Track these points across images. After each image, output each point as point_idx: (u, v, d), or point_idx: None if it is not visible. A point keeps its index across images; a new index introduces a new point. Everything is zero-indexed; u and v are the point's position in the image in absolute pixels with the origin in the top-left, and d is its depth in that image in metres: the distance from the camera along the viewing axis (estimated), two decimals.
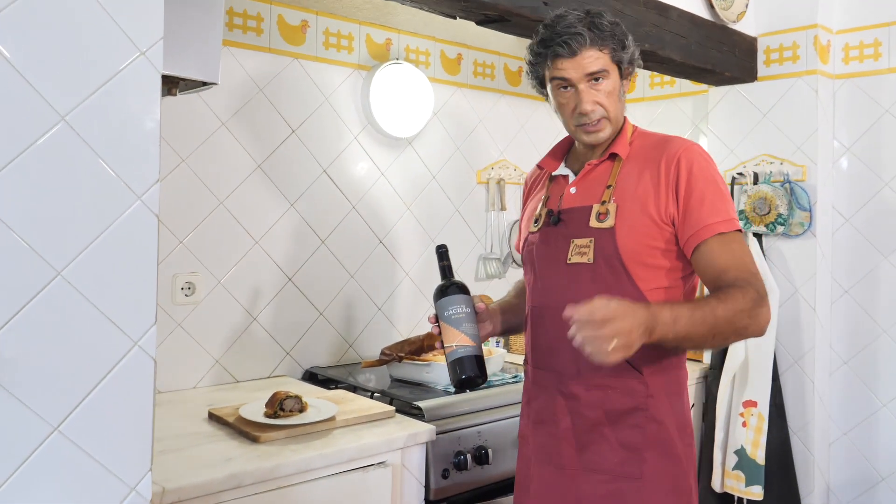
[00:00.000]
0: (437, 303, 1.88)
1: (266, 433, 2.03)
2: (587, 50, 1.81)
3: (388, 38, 3.22)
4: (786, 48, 3.29)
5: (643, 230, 1.79)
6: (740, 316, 1.65)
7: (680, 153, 1.82)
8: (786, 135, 3.26)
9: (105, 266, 1.42)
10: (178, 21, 1.92)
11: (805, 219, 3.15)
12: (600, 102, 1.84)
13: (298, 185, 2.94)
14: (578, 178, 1.93)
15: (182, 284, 2.63)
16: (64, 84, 1.38)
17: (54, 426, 1.34)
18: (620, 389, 1.82)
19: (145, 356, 1.45)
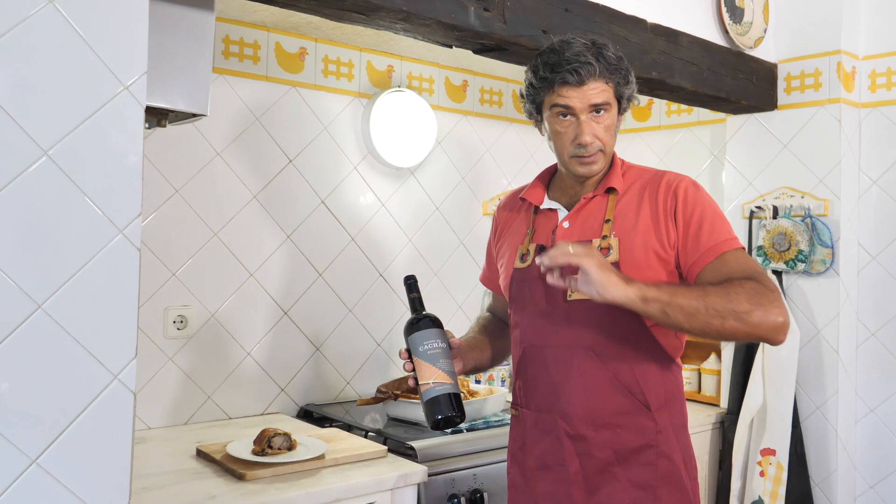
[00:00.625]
0: (410, 337, 1.89)
1: (252, 471, 2.13)
2: (594, 81, 1.87)
3: (389, 64, 3.35)
4: (807, 75, 3.38)
5: (648, 263, 1.86)
6: (736, 295, 1.70)
7: (676, 183, 1.91)
8: (807, 167, 3.33)
9: (86, 299, 1.52)
10: (165, 50, 2.02)
11: (827, 256, 3.22)
12: (598, 136, 1.90)
13: (296, 217, 3.06)
14: (573, 212, 1.98)
15: (174, 318, 2.74)
16: (47, 119, 1.50)
17: (32, 458, 1.45)
18: (630, 427, 1.88)
19: (125, 390, 1.56)
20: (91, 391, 1.52)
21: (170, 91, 2.06)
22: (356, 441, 2.47)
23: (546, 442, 1.96)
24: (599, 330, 1.89)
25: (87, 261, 1.53)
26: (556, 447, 1.94)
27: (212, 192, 2.85)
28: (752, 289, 1.72)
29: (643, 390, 1.90)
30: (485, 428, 2.66)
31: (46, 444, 1.47)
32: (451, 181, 3.58)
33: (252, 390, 2.93)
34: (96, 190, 1.55)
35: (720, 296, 1.70)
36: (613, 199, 1.95)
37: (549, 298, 1.95)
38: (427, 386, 1.82)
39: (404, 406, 2.74)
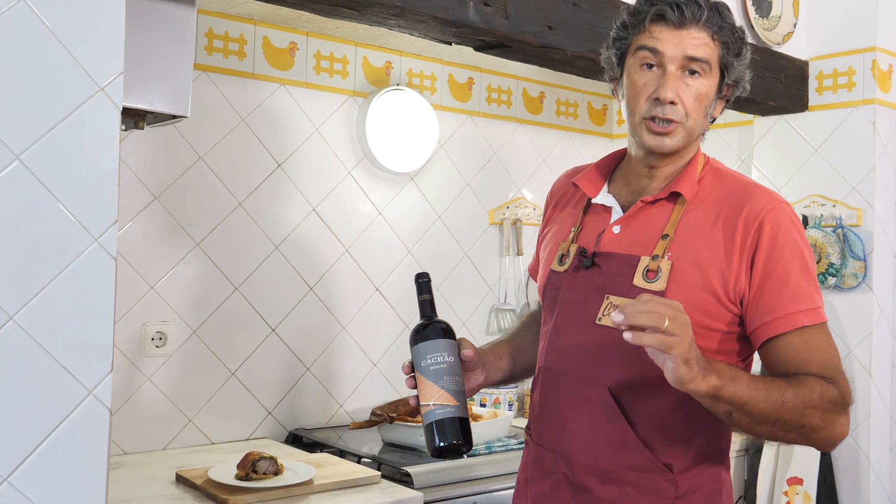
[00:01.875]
0: (414, 348, 1.77)
1: (236, 496, 2.21)
2: (698, 28, 1.72)
3: (387, 60, 3.44)
4: (840, 74, 3.46)
5: (699, 304, 1.68)
6: (812, 412, 1.59)
7: (765, 214, 1.70)
8: (839, 173, 3.41)
9: (59, 311, 1.61)
10: (143, 48, 2.09)
11: (859, 269, 3.29)
12: (684, 101, 1.73)
13: (285, 226, 3.15)
14: (627, 215, 1.81)
15: (153, 334, 2.83)
16: (19, 121, 1.58)
17: (4, 477, 1.53)
18: (644, 488, 1.72)
19: (100, 406, 1.65)
20: (65, 407, 1.61)
21: (148, 91, 2.14)
22: (347, 466, 2.55)
23: (545, 484, 1.84)
24: (623, 368, 1.73)
25: (61, 270, 1.62)
26: (555, 493, 1.81)
27: (194, 199, 2.94)
28: (830, 401, 1.60)
29: (666, 448, 1.73)
30: (487, 454, 2.74)
31: (18, 462, 1.55)
32: (455, 187, 3.67)
33: (237, 413, 3.02)
34: (70, 196, 1.64)
35: (795, 407, 1.57)
36: (680, 210, 1.76)
37: (574, 316, 1.81)
38: (427, 408, 1.71)
39: (401, 430, 2.82)
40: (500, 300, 3.80)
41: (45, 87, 1.62)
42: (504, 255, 3.81)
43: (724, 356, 1.70)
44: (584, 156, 4.09)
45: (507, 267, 3.82)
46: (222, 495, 2.22)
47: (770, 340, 1.67)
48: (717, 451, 1.79)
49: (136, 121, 2.29)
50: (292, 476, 2.35)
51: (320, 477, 2.40)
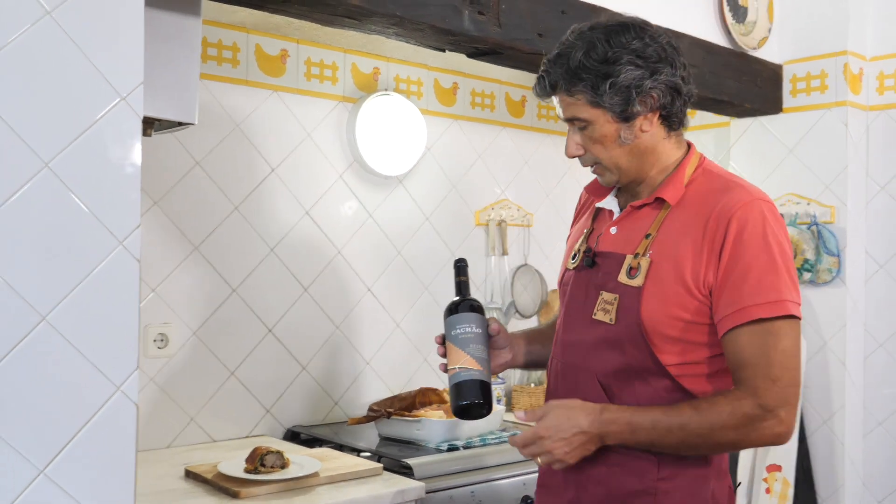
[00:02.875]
0: (446, 320, 1.99)
1: (246, 489, 2.30)
2: (558, 93, 1.88)
3: (375, 66, 3.53)
4: (813, 77, 3.59)
5: (673, 298, 1.80)
6: (722, 432, 1.73)
7: (736, 210, 1.78)
8: (813, 172, 3.54)
9: (87, 311, 1.70)
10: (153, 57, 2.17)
11: (833, 265, 3.42)
12: (586, 147, 1.90)
13: (279, 228, 3.24)
14: (619, 218, 1.96)
15: (154, 336, 2.91)
16: (47, 130, 1.67)
17: (40, 469, 1.62)
18: (628, 468, 1.85)
19: (127, 401, 1.73)
20: (95, 402, 1.69)
21: (157, 100, 2.22)
22: (350, 459, 2.65)
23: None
24: (610, 358, 1.88)
25: (89, 272, 1.71)
26: (555, 471, 1.95)
27: (191, 204, 3.02)
28: (742, 417, 1.72)
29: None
30: (482, 446, 2.85)
31: (53, 455, 1.64)
32: (442, 190, 3.76)
33: (236, 412, 3.10)
34: (96, 201, 1.72)
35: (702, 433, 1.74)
36: (665, 212, 1.88)
37: (577, 311, 1.97)
38: (453, 371, 1.91)
39: (398, 424, 2.91)
40: (486, 299, 3.89)
41: (70, 98, 1.70)
42: (490, 255, 3.90)
43: (702, 348, 1.84)
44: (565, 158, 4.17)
45: (492, 266, 3.92)
46: (234, 488, 2.31)
47: (726, 334, 1.78)
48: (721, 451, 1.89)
49: (144, 128, 2.36)
50: (299, 469, 2.44)
51: (325, 470, 2.48)
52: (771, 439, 1.76)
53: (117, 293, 1.74)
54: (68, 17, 1.70)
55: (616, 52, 1.83)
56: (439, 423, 2.83)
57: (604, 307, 1.88)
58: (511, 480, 2.72)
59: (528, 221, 4.05)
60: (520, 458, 2.69)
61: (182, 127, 2.41)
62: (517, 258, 4.01)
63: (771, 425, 1.73)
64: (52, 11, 1.67)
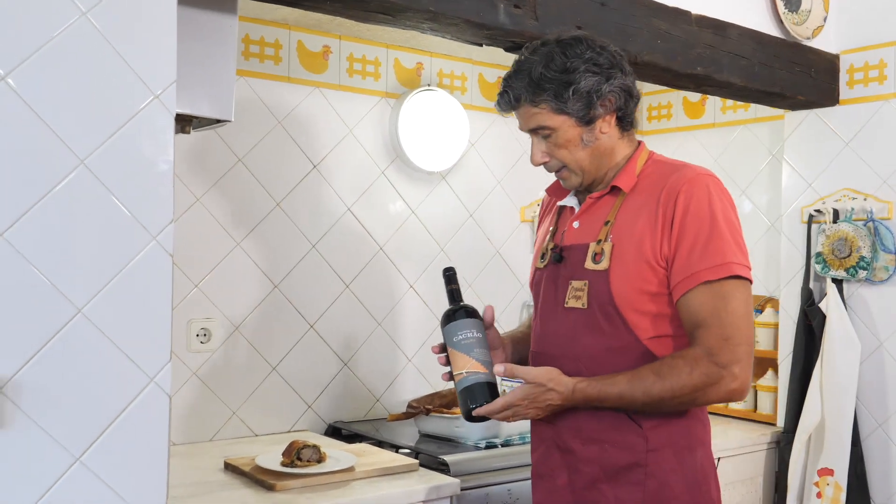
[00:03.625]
0: (444, 329, 2.10)
1: (282, 481, 2.41)
2: (522, 106, 2.07)
3: (418, 62, 3.62)
4: (871, 67, 3.58)
5: (637, 273, 2.01)
6: (682, 393, 1.93)
7: (681, 186, 2.01)
8: (870, 166, 3.53)
9: (122, 304, 1.81)
10: (188, 56, 2.25)
11: (890, 262, 3.42)
12: (552, 153, 2.09)
13: (321, 225, 3.34)
14: (580, 211, 2.16)
15: (197, 331, 3.03)
16: (82, 128, 1.78)
17: (76, 456, 1.73)
18: (618, 444, 2.04)
19: (161, 392, 1.84)
20: (129, 393, 1.80)
21: (194, 97, 2.32)
22: (386, 455, 2.74)
23: (541, 450, 2.19)
24: (589, 341, 2.06)
25: (123, 266, 1.81)
26: (548, 457, 2.16)
27: (234, 200, 3.13)
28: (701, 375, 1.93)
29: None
30: (521, 443, 2.92)
31: (89, 443, 1.75)
32: (486, 186, 3.84)
33: (278, 406, 3.21)
34: (130, 197, 1.83)
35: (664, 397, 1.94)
36: (621, 199, 2.09)
37: (550, 304, 2.16)
38: (461, 376, 2.02)
39: (437, 421, 3.00)
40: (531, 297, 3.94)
41: (104, 96, 1.81)
42: None
43: (670, 318, 2.04)
44: None
45: None
46: (270, 480, 2.41)
47: (680, 299, 2.00)
48: (686, 410, 2.08)
49: (182, 126, 2.47)
50: (334, 463, 2.54)
51: (361, 465, 2.58)
52: (727, 395, 1.96)
53: (151, 287, 1.85)
54: (103, 17, 1.80)
55: (573, 62, 2.04)
56: None
57: (575, 294, 2.07)
58: None
59: None
60: None
61: (220, 124, 2.51)
62: None
63: (727, 382, 1.94)
64: (87, 12, 1.78)
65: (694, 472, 2.06)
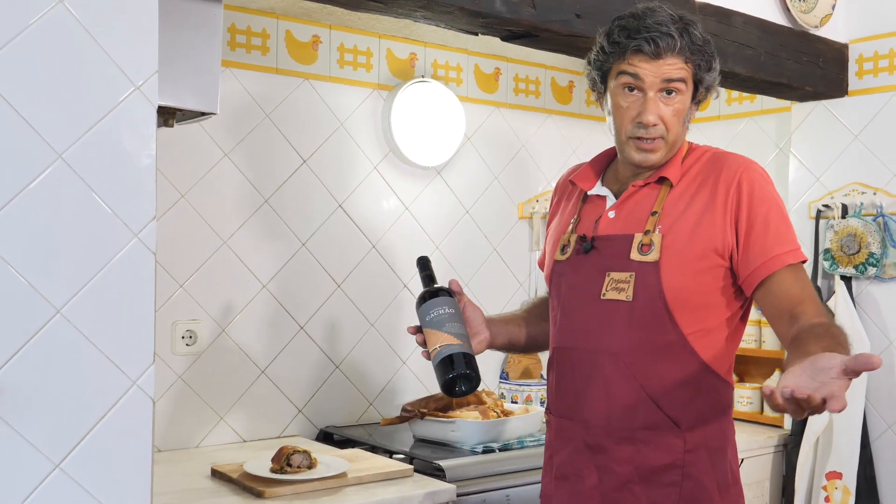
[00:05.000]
0: (418, 311, 2.13)
1: (271, 488, 2.39)
2: (673, 56, 2.00)
3: (412, 52, 3.60)
4: (881, 56, 3.57)
5: (693, 265, 2.00)
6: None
7: (740, 173, 2.02)
8: (880, 160, 3.52)
9: (103, 304, 1.79)
10: (172, 46, 2.24)
11: None
12: (664, 118, 2.03)
13: (311, 222, 3.32)
14: (620, 200, 2.12)
15: (182, 332, 3.01)
16: (60, 122, 1.76)
17: (56, 463, 1.71)
18: (655, 444, 2.02)
19: (143, 396, 1.82)
20: (111, 397, 1.79)
21: (178, 89, 2.31)
22: (380, 460, 2.73)
23: (566, 451, 2.14)
24: (630, 336, 2.02)
25: (104, 265, 1.80)
26: (575, 458, 2.11)
27: (220, 197, 3.11)
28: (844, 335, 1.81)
29: (674, 405, 2.02)
30: (519, 448, 2.91)
31: (69, 449, 1.73)
32: (483, 181, 3.83)
33: (267, 411, 3.19)
34: (110, 193, 1.81)
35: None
36: (666, 190, 2.08)
37: (580, 296, 2.11)
38: (435, 351, 2.04)
39: (432, 425, 2.99)
40: (530, 295, 3.94)
41: (83, 88, 1.80)
42: (534, 249, 3.95)
43: (719, 311, 2.05)
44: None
45: (536, 262, 3.95)
46: (258, 487, 2.40)
47: (764, 282, 1.99)
48: (720, 408, 2.10)
49: (165, 118, 2.45)
50: (326, 469, 2.53)
51: (353, 470, 2.57)
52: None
53: (133, 286, 1.83)
54: (81, 5, 1.78)
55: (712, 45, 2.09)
56: (475, 424, 2.90)
57: (616, 286, 2.04)
58: None
59: None
60: None
61: (205, 117, 2.50)
62: None
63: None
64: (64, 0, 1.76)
65: (725, 473, 2.08)
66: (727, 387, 2.12)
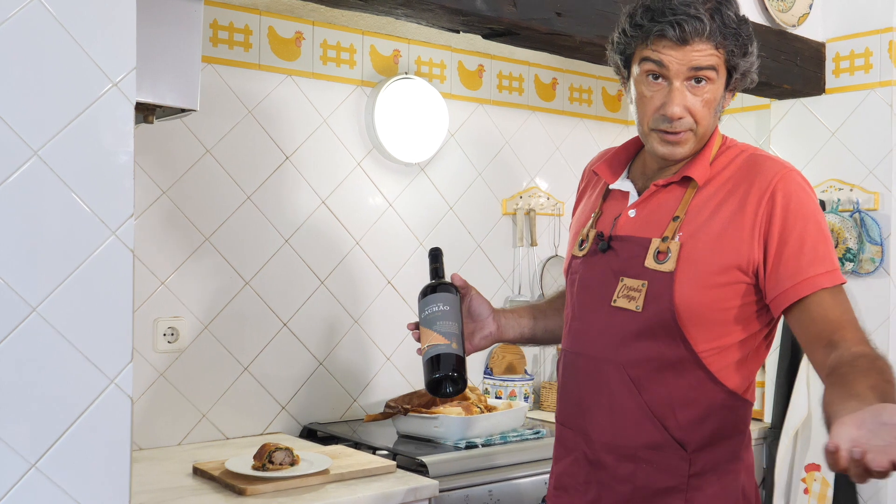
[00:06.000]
0: (418, 306, 2.06)
1: (253, 485, 2.35)
2: (701, 42, 1.79)
3: (395, 49, 3.56)
4: (857, 55, 3.56)
5: (711, 279, 1.80)
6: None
7: (776, 183, 1.80)
8: (856, 156, 3.51)
9: (80, 302, 1.74)
10: (151, 43, 2.23)
11: (877, 254, 3.40)
12: (693, 110, 1.83)
13: (294, 219, 3.27)
14: (641, 199, 1.94)
15: (164, 330, 2.96)
16: (36, 118, 1.71)
17: (31, 463, 1.66)
18: (658, 465, 1.85)
19: (122, 394, 1.77)
20: (88, 395, 1.74)
21: (157, 85, 2.28)
22: (363, 457, 2.69)
23: (566, 461, 2.01)
24: (638, 348, 1.86)
25: (80, 263, 1.75)
26: (575, 469, 1.97)
27: (202, 193, 3.06)
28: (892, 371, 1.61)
29: (680, 426, 1.85)
30: (502, 444, 2.87)
31: (45, 449, 1.68)
32: (467, 178, 3.78)
33: (250, 408, 3.15)
34: (87, 190, 1.76)
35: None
36: (692, 192, 1.88)
37: (592, 299, 1.95)
38: (423, 350, 1.97)
39: (415, 421, 2.95)
40: (514, 292, 3.91)
41: (59, 84, 1.75)
42: (518, 245, 3.92)
43: (734, 331, 1.84)
44: (599, 143, 4.20)
45: (520, 258, 3.93)
46: (240, 485, 2.35)
47: (797, 305, 1.76)
48: (734, 431, 1.90)
49: (145, 115, 2.41)
50: (308, 466, 2.48)
51: (336, 467, 2.52)
52: None
53: (110, 284, 1.79)
54: (58, 1, 1.73)
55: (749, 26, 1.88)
56: (458, 420, 2.86)
57: (627, 294, 1.86)
58: (532, 479, 2.74)
59: (558, 210, 4.06)
60: (542, 457, 2.75)
61: (185, 113, 2.46)
62: (547, 249, 4.02)
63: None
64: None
65: (736, 499, 1.90)
66: (745, 405, 1.92)
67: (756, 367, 1.93)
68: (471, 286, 2.15)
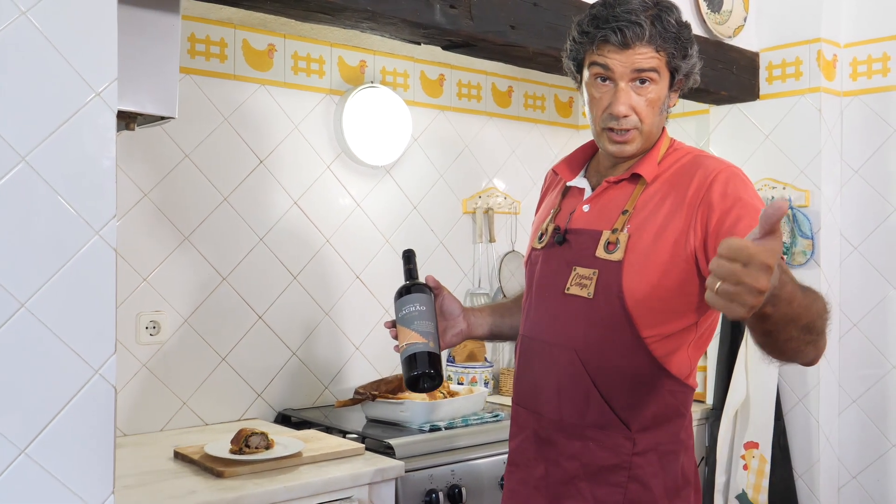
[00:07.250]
0: (395, 306, 2.06)
1: (231, 468, 2.35)
2: (642, 45, 1.82)
3: (362, 59, 3.56)
4: (788, 64, 3.61)
5: (657, 268, 1.83)
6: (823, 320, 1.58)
7: (715, 174, 1.82)
8: (789, 157, 3.56)
9: (66, 298, 1.73)
10: (132, 54, 2.21)
11: (807, 247, 3.45)
12: (637, 109, 1.85)
13: (268, 219, 3.27)
14: (594, 195, 1.97)
15: (146, 323, 2.95)
16: (23, 126, 1.70)
17: (21, 448, 1.66)
18: (603, 443, 1.88)
19: (106, 384, 1.77)
20: (74, 385, 1.73)
21: (138, 94, 2.26)
22: (334, 440, 2.69)
23: (519, 439, 2.04)
24: (589, 333, 1.88)
25: (66, 261, 1.74)
26: (527, 447, 2.00)
27: (181, 196, 3.05)
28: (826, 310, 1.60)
29: (625, 406, 1.88)
30: (464, 426, 2.89)
31: (34, 435, 1.67)
32: (430, 179, 3.79)
33: (228, 396, 3.14)
34: (73, 193, 1.75)
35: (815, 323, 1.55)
36: (640, 188, 1.90)
37: (547, 288, 1.97)
38: (402, 348, 1.98)
39: (383, 406, 2.95)
40: (474, 285, 3.92)
41: (45, 94, 1.73)
42: (477, 242, 3.93)
43: (679, 318, 1.86)
44: (552, 147, 4.23)
45: (480, 254, 3.95)
46: (218, 468, 2.35)
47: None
48: (676, 413, 1.93)
49: (126, 122, 2.40)
50: (282, 449, 2.48)
51: (308, 450, 2.52)
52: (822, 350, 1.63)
53: (95, 281, 1.78)
54: (43, 16, 1.72)
55: (688, 26, 1.91)
56: (422, 405, 2.87)
57: (579, 282, 1.89)
58: (491, 460, 2.75)
59: (514, 209, 4.08)
60: (501, 438, 2.76)
61: (165, 121, 2.44)
62: (504, 245, 4.04)
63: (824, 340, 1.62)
64: (27, 11, 1.70)
65: (675, 478, 1.92)
66: (686, 391, 1.94)
67: (698, 355, 1.95)
68: (443, 286, 2.16)
